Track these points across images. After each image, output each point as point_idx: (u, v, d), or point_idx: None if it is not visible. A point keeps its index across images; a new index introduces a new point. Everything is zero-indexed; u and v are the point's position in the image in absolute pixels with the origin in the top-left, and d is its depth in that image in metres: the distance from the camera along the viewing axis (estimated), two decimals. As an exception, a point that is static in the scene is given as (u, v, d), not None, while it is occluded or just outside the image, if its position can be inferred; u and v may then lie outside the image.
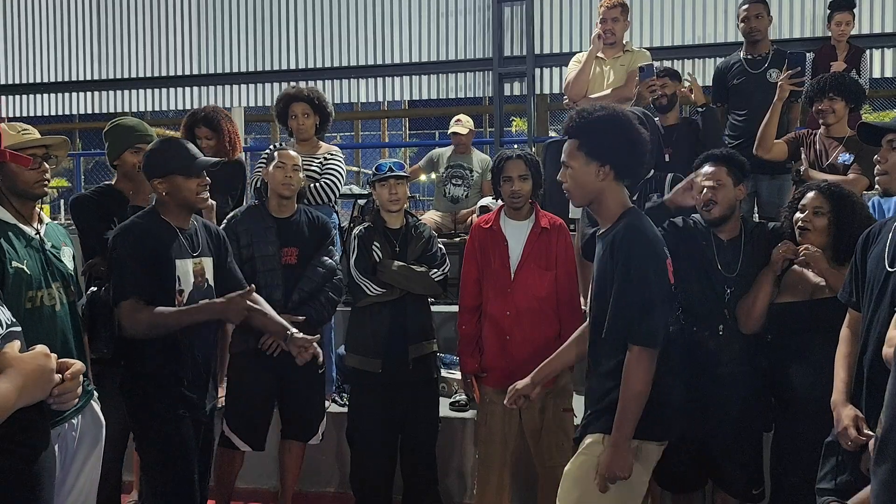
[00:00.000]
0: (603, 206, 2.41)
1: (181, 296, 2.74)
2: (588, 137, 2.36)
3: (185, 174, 2.75)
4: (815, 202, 2.83)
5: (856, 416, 2.25)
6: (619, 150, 2.35)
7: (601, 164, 2.35)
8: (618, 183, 2.39)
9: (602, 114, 2.38)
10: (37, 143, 2.52)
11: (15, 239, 2.39)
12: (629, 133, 2.37)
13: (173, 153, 2.81)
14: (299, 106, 4.22)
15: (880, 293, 2.20)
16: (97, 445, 2.63)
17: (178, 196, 2.77)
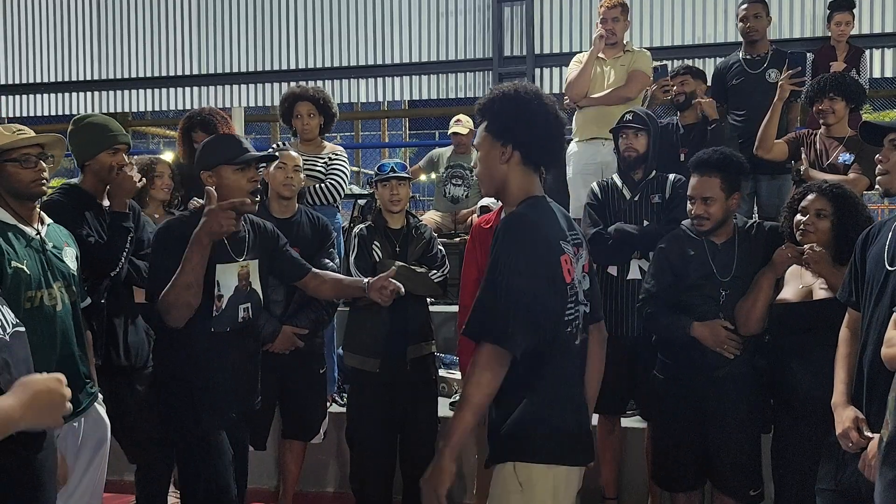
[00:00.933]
0: (506, 193, 2.16)
1: (220, 301, 2.64)
2: (494, 117, 2.15)
3: (233, 165, 2.64)
4: (817, 204, 2.80)
5: (856, 417, 2.24)
6: (520, 130, 2.11)
7: (503, 145, 2.11)
8: (525, 168, 2.13)
9: (508, 91, 2.15)
10: (31, 141, 2.51)
11: (14, 239, 2.39)
12: (532, 111, 2.11)
13: (224, 144, 2.72)
14: (304, 106, 4.20)
15: (880, 292, 2.20)
16: (102, 447, 2.64)
17: (227, 189, 2.62)
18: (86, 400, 2.58)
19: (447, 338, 4.12)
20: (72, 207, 2.96)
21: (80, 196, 3.03)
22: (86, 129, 3.05)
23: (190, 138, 4.21)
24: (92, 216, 3.00)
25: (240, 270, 2.70)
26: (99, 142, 3.01)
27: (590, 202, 3.44)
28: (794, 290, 2.86)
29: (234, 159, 2.64)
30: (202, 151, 2.73)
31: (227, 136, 2.82)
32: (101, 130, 3.03)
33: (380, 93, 6.99)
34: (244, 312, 2.71)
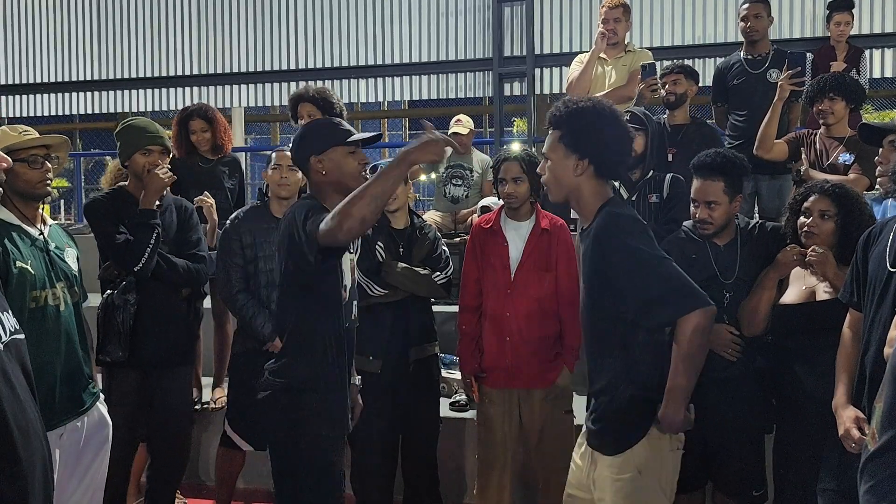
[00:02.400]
0: (581, 202, 2.28)
1: (345, 292, 2.53)
2: (569, 129, 2.24)
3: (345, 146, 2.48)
4: (821, 205, 2.78)
5: (856, 417, 2.25)
6: (599, 145, 2.22)
7: (580, 158, 2.22)
8: (597, 179, 2.26)
9: (586, 105, 2.25)
10: (37, 143, 2.53)
11: (19, 239, 2.40)
12: (612, 128, 2.25)
13: (329, 127, 2.56)
14: (306, 107, 4.19)
15: (882, 293, 2.20)
16: (104, 446, 2.65)
17: (338, 173, 2.47)
18: (89, 399, 2.59)
19: (447, 338, 4.11)
20: (111, 207, 3.14)
21: (121, 197, 3.20)
22: (124, 131, 3.21)
23: (187, 129, 4.24)
24: (130, 218, 3.12)
25: (350, 263, 2.61)
26: (134, 143, 3.17)
27: (589, 202, 3.43)
28: (797, 292, 2.85)
29: (345, 140, 2.48)
30: (305, 137, 2.54)
31: (328, 121, 2.66)
32: (137, 132, 3.18)
33: (380, 93, 6.99)
34: (356, 311, 2.62)
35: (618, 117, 2.28)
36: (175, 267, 3.21)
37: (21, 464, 1.50)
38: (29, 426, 1.55)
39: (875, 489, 1.53)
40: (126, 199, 3.19)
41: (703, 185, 2.94)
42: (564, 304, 3.25)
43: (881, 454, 1.52)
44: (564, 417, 3.27)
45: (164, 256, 3.16)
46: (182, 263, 3.25)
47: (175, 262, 3.22)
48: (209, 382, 4.34)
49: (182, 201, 3.41)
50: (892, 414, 1.53)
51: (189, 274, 3.27)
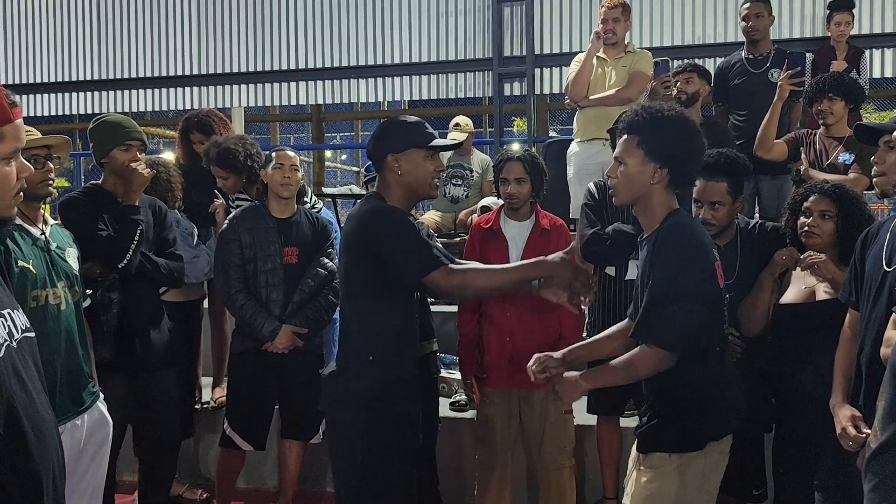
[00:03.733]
0: (648, 208, 2.26)
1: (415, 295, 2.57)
2: (651, 136, 2.21)
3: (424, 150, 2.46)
4: (821, 205, 2.79)
5: (853, 415, 2.25)
6: (680, 157, 2.22)
7: (659, 167, 2.20)
8: (668, 188, 2.24)
9: (672, 115, 2.24)
10: (39, 143, 2.54)
11: (20, 239, 2.41)
12: (695, 142, 2.26)
13: (413, 127, 2.51)
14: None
15: (878, 292, 2.20)
16: (104, 445, 2.65)
17: (412, 176, 2.46)
18: (88, 399, 2.59)
19: (447, 338, 4.12)
20: (89, 205, 3.07)
21: (99, 195, 3.14)
22: (100, 128, 3.16)
23: (188, 139, 4.23)
24: (110, 215, 3.08)
25: None
26: (111, 139, 3.11)
27: (587, 202, 3.43)
28: (797, 291, 2.85)
29: (427, 143, 2.47)
30: (387, 133, 2.52)
31: (412, 121, 2.58)
32: (114, 128, 3.13)
33: (380, 93, 6.99)
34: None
35: (699, 131, 2.29)
36: (157, 265, 3.16)
37: (35, 461, 1.50)
38: (42, 425, 1.55)
39: (879, 488, 1.53)
40: (103, 196, 3.12)
41: (707, 186, 2.94)
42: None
43: (883, 451, 1.52)
44: (564, 417, 3.27)
45: (146, 255, 3.11)
46: (163, 262, 3.18)
47: (156, 261, 3.16)
48: (209, 382, 4.35)
49: (155, 201, 3.33)
50: (892, 411, 1.53)
51: (170, 273, 3.21)
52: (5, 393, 1.45)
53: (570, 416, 3.30)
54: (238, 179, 3.83)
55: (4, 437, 1.43)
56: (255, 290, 3.38)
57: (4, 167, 1.60)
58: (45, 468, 1.53)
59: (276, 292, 3.37)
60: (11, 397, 1.46)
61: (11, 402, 1.46)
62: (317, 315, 3.45)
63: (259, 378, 3.42)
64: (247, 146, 3.79)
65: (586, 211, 3.40)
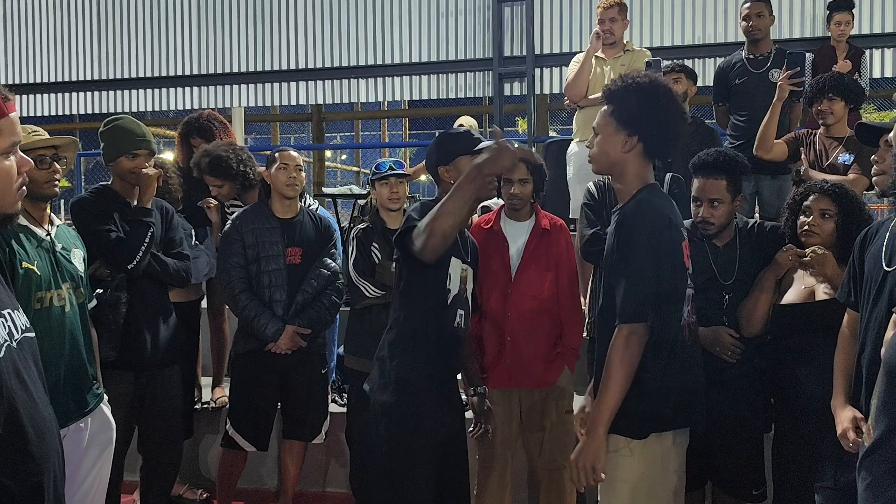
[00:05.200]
0: (623, 180, 2.28)
1: (448, 295, 2.54)
2: (622, 105, 2.23)
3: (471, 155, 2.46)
4: (821, 204, 2.79)
5: (854, 417, 2.25)
6: (649, 123, 2.21)
7: (629, 135, 2.22)
8: (644, 158, 2.25)
9: (642, 82, 2.23)
10: (46, 143, 2.54)
11: (25, 240, 2.40)
12: (665, 107, 2.23)
13: (458, 138, 2.67)
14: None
15: (877, 293, 2.20)
16: (107, 447, 2.65)
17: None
18: (93, 400, 2.59)
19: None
20: (100, 206, 3.12)
21: (109, 196, 3.18)
22: (111, 132, 3.18)
23: (188, 143, 4.23)
24: (119, 216, 3.12)
25: (462, 272, 2.62)
26: (119, 146, 3.14)
27: (586, 202, 3.43)
28: (796, 291, 2.85)
29: (472, 149, 2.53)
30: (435, 149, 2.66)
31: (458, 132, 2.76)
32: (124, 135, 3.15)
33: (380, 93, 7.00)
34: (459, 319, 2.59)
35: (672, 97, 2.26)
36: (166, 266, 3.21)
37: (35, 462, 1.50)
38: (43, 425, 1.55)
39: (873, 485, 1.53)
40: (113, 197, 3.18)
41: (706, 184, 2.93)
42: (564, 303, 3.26)
43: (877, 449, 1.52)
44: (564, 417, 3.27)
45: (155, 255, 3.16)
46: (171, 262, 3.24)
47: (165, 261, 3.21)
48: (209, 382, 4.35)
49: (162, 202, 3.38)
50: (885, 408, 1.53)
51: (178, 273, 3.27)
52: (6, 393, 1.45)
53: (570, 415, 3.29)
54: (232, 186, 3.83)
55: (5, 437, 1.43)
56: (259, 290, 3.38)
57: (4, 161, 1.60)
58: (46, 468, 1.53)
59: (279, 293, 3.38)
60: (12, 397, 1.46)
61: (12, 402, 1.46)
62: (320, 315, 3.45)
63: (262, 378, 3.42)
64: (237, 152, 3.80)
65: (586, 211, 3.40)
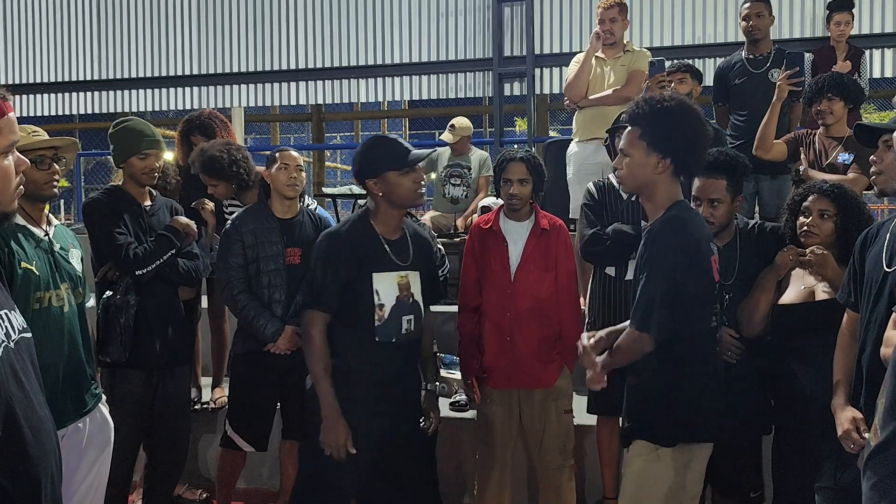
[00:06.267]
0: (652, 197, 2.35)
1: (381, 310, 2.69)
2: (652, 128, 2.29)
3: (398, 169, 2.67)
4: (820, 205, 2.79)
5: (855, 417, 2.25)
6: (682, 146, 2.29)
7: (662, 157, 2.29)
8: (673, 178, 2.33)
9: (671, 105, 2.30)
10: (46, 144, 2.54)
11: (24, 240, 2.41)
12: (696, 129, 2.32)
13: (384, 149, 2.74)
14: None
15: (878, 293, 2.20)
16: (106, 448, 2.65)
17: (394, 195, 2.70)
18: (91, 401, 2.59)
19: (447, 338, 4.12)
20: (110, 207, 3.16)
21: (120, 197, 3.22)
22: (120, 133, 3.21)
23: (189, 141, 4.23)
24: (130, 217, 3.17)
25: (399, 280, 2.72)
26: (129, 147, 3.18)
27: (586, 202, 3.43)
28: (796, 291, 2.85)
29: (400, 163, 2.67)
30: (364, 159, 2.76)
31: (386, 140, 2.83)
32: (134, 136, 3.19)
33: (380, 93, 7.00)
34: (407, 324, 2.74)
35: (701, 119, 2.34)
36: (175, 267, 3.28)
37: (33, 462, 1.50)
38: (40, 425, 1.55)
39: (878, 486, 1.53)
40: (124, 198, 3.23)
41: (706, 184, 2.94)
42: (564, 303, 3.26)
43: (883, 450, 1.52)
44: (564, 417, 3.27)
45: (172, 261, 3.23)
46: (182, 263, 3.31)
47: (176, 262, 3.27)
48: (208, 382, 4.35)
49: (172, 202, 3.45)
50: (893, 410, 1.53)
51: (188, 273, 3.34)
52: (3, 394, 1.45)
53: (570, 416, 3.30)
54: (227, 186, 3.83)
55: (2, 437, 1.43)
56: (258, 290, 3.38)
57: (2, 161, 1.60)
58: (44, 469, 1.53)
59: (278, 293, 3.37)
60: (9, 398, 1.46)
61: (9, 403, 1.46)
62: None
63: (261, 379, 3.42)
64: (232, 152, 3.79)
65: (586, 211, 3.40)
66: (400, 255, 2.76)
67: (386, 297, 2.69)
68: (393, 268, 2.72)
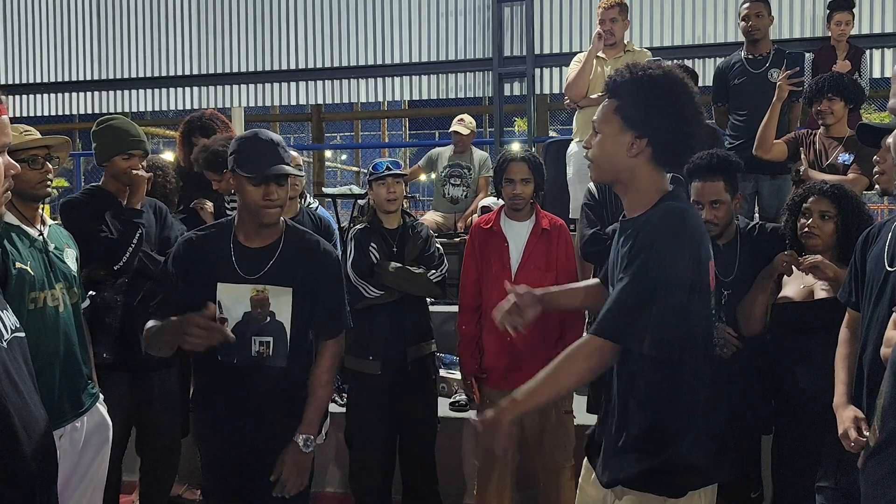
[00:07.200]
0: (633, 188, 1.91)
1: (223, 324, 2.23)
2: (629, 100, 1.86)
3: (249, 181, 2.28)
4: (821, 206, 2.80)
5: (856, 416, 2.25)
6: (662, 124, 1.84)
7: (637, 136, 1.85)
8: (655, 166, 1.89)
9: (656, 73, 1.86)
10: (38, 143, 2.53)
11: (18, 240, 2.40)
12: (682, 108, 1.86)
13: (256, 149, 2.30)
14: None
15: (879, 293, 2.20)
16: (104, 447, 2.65)
17: (243, 201, 2.34)
18: (88, 400, 2.59)
19: (447, 338, 4.12)
20: (91, 206, 3.09)
21: (100, 196, 3.16)
22: (104, 132, 3.16)
23: (190, 142, 4.23)
24: (111, 215, 3.10)
25: (253, 295, 2.32)
26: (114, 146, 3.12)
27: (587, 202, 3.43)
28: (794, 290, 2.86)
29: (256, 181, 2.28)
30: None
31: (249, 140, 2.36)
32: (117, 135, 3.13)
33: (380, 93, 7.00)
34: (259, 346, 2.33)
35: (690, 95, 1.88)
36: (159, 264, 3.15)
37: (27, 463, 1.50)
38: (35, 425, 1.55)
39: (877, 486, 1.53)
40: (104, 197, 3.15)
41: (705, 187, 2.95)
42: (564, 304, 3.24)
43: (882, 449, 1.52)
44: (564, 418, 3.27)
45: (149, 255, 3.13)
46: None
47: (159, 260, 3.13)
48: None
49: (156, 202, 3.37)
50: (892, 408, 1.53)
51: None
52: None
53: (570, 416, 3.29)
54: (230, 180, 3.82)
55: None
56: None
57: None
58: (39, 469, 1.53)
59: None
60: (3, 398, 1.46)
61: (3, 403, 1.46)
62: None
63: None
64: None
65: (586, 211, 3.40)
66: (252, 264, 2.33)
67: (230, 312, 2.29)
68: (242, 279, 2.32)
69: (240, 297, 2.31)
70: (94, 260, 3.00)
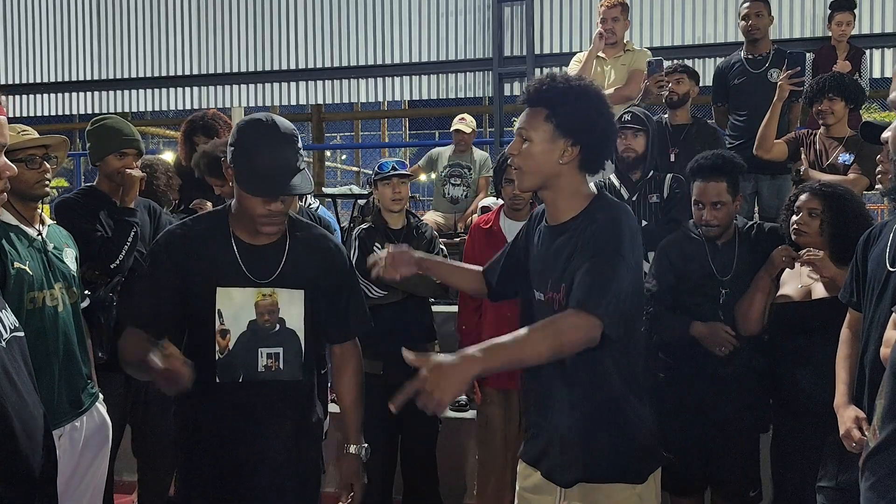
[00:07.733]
0: (558, 193, 1.94)
1: (224, 338, 2.00)
2: (564, 109, 1.90)
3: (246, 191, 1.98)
4: (810, 203, 2.81)
5: (857, 416, 2.25)
6: (593, 132, 1.91)
7: (571, 144, 1.89)
8: (580, 171, 1.94)
9: (582, 85, 1.93)
10: (36, 142, 2.53)
11: (17, 240, 2.39)
12: (610, 119, 1.96)
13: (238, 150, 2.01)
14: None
15: (881, 293, 2.20)
16: (104, 446, 2.65)
17: (240, 203, 2.04)
18: (87, 400, 2.59)
19: (447, 338, 4.11)
20: (86, 206, 3.08)
21: (95, 196, 3.14)
22: (98, 131, 3.14)
23: (192, 142, 4.24)
24: (106, 215, 3.09)
25: (259, 300, 2.01)
26: (107, 145, 3.10)
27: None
28: (793, 290, 2.86)
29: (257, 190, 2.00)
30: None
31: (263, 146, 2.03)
32: (111, 134, 3.11)
33: (380, 93, 7.00)
34: (268, 360, 2.02)
35: (609, 105, 1.98)
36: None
37: (26, 461, 1.50)
38: (34, 424, 1.55)
39: (876, 486, 1.53)
40: (99, 197, 3.13)
41: (707, 187, 2.95)
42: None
43: (882, 450, 1.52)
44: (564, 417, 3.26)
45: (144, 254, 3.09)
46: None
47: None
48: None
49: (149, 202, 3.35)
50: (892, 410, 1.53)
51: None
52: None
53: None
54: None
55: None
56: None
57: None
58: (37, 468, 1.53)
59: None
60: (2, 398, 1.46)
61: (2, 403, 1.46)
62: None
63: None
64: None
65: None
66: (262, 265, 2.02)
67: (233, 321, 1.99)
68: (247, 283, 2.00)
69: (244, 304, 2.00)
70: (89, 260, 2.99)
